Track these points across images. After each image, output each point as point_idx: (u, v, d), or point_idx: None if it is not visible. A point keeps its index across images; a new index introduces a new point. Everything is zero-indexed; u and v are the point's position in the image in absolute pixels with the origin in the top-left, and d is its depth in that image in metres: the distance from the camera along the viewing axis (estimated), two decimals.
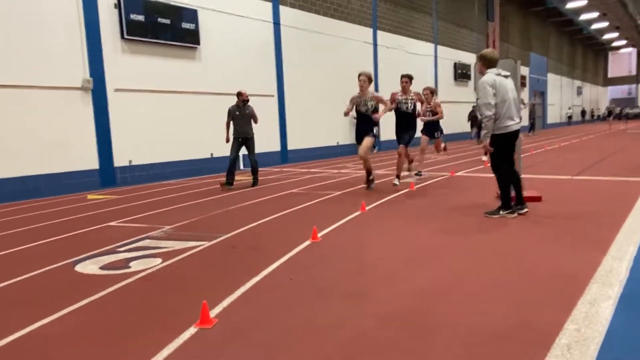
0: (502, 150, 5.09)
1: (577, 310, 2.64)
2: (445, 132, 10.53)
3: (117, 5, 10.00)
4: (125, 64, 10.25)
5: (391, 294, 3.03)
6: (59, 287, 3.44)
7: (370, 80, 7.48)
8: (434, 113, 9.11)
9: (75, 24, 9.39)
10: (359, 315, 2.72)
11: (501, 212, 5.15)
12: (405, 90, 8.04)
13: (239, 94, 8.74)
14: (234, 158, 8.55)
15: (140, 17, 10.32)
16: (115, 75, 10.02)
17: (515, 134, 5.07)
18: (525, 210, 5.21)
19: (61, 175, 9.21)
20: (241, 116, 8.69)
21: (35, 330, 2.71)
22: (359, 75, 7.45)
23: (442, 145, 10.33)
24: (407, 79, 8.09)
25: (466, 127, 21.62)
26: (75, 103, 9.41)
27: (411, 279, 3.31)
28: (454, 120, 19.60)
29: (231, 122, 8.77)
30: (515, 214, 5.12)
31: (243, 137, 8.66)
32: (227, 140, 8.76)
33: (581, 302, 2.76)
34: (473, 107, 19.48)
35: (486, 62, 5.09)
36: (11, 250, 4.59)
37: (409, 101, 8.02)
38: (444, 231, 4.72)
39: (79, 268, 3.88)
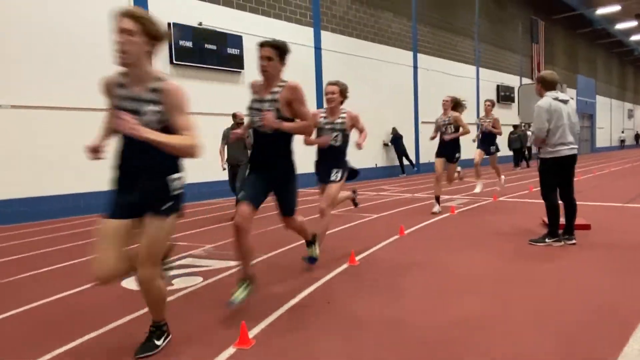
0: (553, 175, 4.95)
1: (628, 348, 2.51)
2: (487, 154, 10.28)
3: (167, 33, 10.54)
4: None
5: (431, 322, 2.97)
6: (107, 302, 3.58)
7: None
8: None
9: None
10: (398, 343, 2.69)
11: (547, 240, 4.97)
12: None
13: (234, 116, 8.02)
14: (232, 187, 7.84)
15: (189, 44, 10.80)
16: None
17: (568, 159, 4.92)
18: (573, 241, 4.99)
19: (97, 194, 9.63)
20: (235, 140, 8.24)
21: (76, 346, 2.83)
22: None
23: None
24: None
25: (507, 150, 21.03)
26: None
27: (453, 307, 3.24)
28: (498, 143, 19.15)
29: (225, 147, 8.06)
30: (562, 243, 4.93)
31: (234, 163, 7.86)
32: (223, 168, 8.08)
33: (633, 339, 2.61)
34: (510, 133, 18.84)
35: (545, 84, 5.00)
36: (64, 264, 4.82)
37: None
38: (486, 258, 4.60)
39: (124, 284, 4.02)
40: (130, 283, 4.04)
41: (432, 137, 8.14)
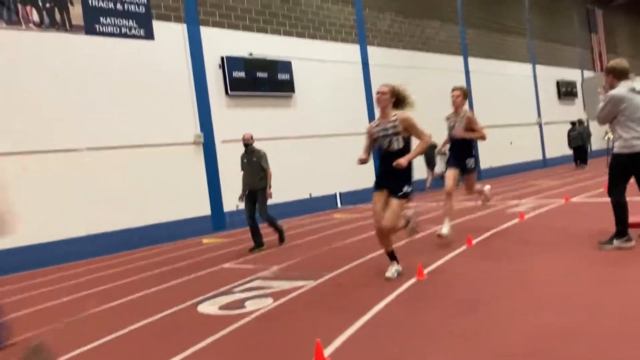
0: (624, 171, 4.63)
1: None
2: (550, 154, 9.67)
3: (221, 66, 11.04)
4: (230, 117, 11.16)
5: (511, 334, 2.85)
6: (185, 327, 3.75)
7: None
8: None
9: (187, 86, 10.51)
10: (474, 355, 2.60)
11: (615, 241, 4.62)
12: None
13: (243, 138, 7.37)
14: (249, 216, 7.06)
15: (241, 74, 11.25)
16: (221, 128, 10.94)
17: None
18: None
19: (179, 222, 10.11)
20: (248, 164, 7.17)
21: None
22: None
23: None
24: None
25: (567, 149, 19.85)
26: (189, 156, 10.40)
27: (534, 317, 3.09)
28: (559, 142, 18.22)
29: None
30: (633, 242, 4.54)
31: (250, 189, 7.05)
32: (241, 198, 7.19)
33: None
34: (569, 131, 17.72)
35: (616, 74, 4.64)
36: (141, 294, 5.10)
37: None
38: (564, 264, 4.36)
39: (200, 309, 4.20)
40: (206, 308, 4.21)
41: (441, 148, 7.43)
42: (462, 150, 6.18)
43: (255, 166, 7.09)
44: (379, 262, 5.33)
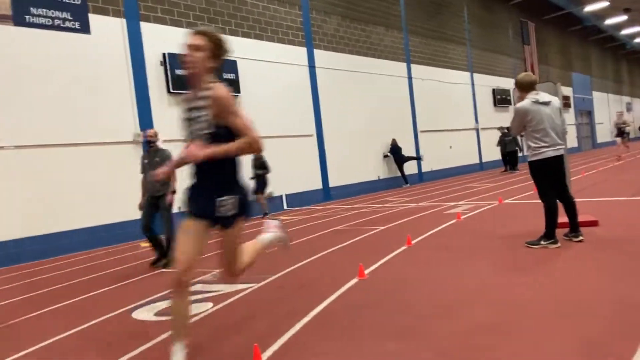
0: (543, 177, 4.95)
1: None
2: (486, 158, 10.23)
3: (163, 63, 10.69)
4: (172, 116, 10.82)
5: (447, 331, 2.95)
6: (118, 335, 3.58)
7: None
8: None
9: (125, 83, 10.08)
10: (414, 353, 2.67)
11: (542, 242, 4.92)
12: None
13: (146, 135, 6.43)
14: (144, 226, 6.04)
15: (184, 72, 10.95)
16: (162, 127, 10.58)
17: (554, 160, 4.90)
18: (580, 238, 4.95)
19: (115, 225, 9.66)
20: (150, 166, 5.98)
21: None
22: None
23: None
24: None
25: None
26: (127, 156, 9.98)
27: (467, 314, 3.22)
28: (495, 146, 19.17)
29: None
30: (559, 244, 4.87)
31: (151, 195, 6.05)
32: (140, 206, 6.21)
33: None
34: (503, 135, 18.49)
35: (523, 88, 5.04)
36: (72, 301, 4.82)
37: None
38: (496, 263, 4.58)
39: (135, 315, 4.02)
40: (140, 314, 4.04)
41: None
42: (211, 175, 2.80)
43: (157, 167, 5.59)
44: (322, 263, 5.36)
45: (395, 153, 16.70)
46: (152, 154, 6.23)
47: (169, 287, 2.72)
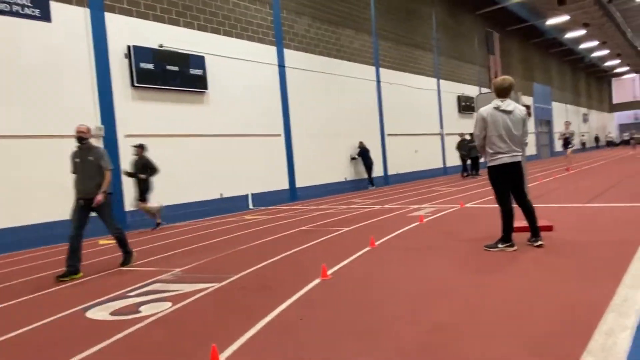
0: (500, 182, 5.10)
1: (593, 342, 2.58)
2: (449, 163, 10.47)
3: (127, 56, 10.40)
4: (135, 110, 10.55)
5: (406, 331, 2.98)
6: (70, 335, 3.44)
7: None
8: None
9: (87, 74, 9.74)
10: (375, 353, 2.68)
11: (499, 245, 5.07)
12: None
13: (76, 131, 5.67)
14: (75, 231, 5.53)
15: (150, 66, 10.69)
16: (125, 121, 10.30)
17: (511, 167, 5.05)
18: (540, 243, 5.10)
19: None
20: (82, 165, 5.63)
21: None
22: None
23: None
24: None
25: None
26: None
27: (426, 315, 3.26)
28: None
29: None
30: (515, 247, 5.02)
31: (84, 196, 5.56)
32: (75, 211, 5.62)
33: (597, 333, 2.69)
34: (467, 142, 18.68)
35: (495, 91, 5.17)
36: (25, 298, 4.61)
37: None
38: (456, 265, 4.67)
39: (89, 314, 3.88)
40: (95, 313, 3.90)
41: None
42: None
43: (91, 167, 5.56)
44: (286, 263, 5.33)
45: (364, 156, 16.86)
46: (85, 151, 5.66)
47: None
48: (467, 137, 18.47)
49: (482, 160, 5.15)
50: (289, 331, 3.16)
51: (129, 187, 10.19)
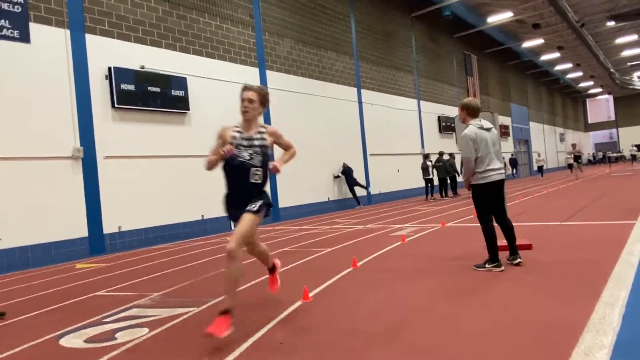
0: (486, 200, 5.15)
1: None
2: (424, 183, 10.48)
3: (108, 77, 10.35)
4: (115, 132, 10.45)
5: (388, 354, 2.96)
6: None
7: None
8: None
9: (67, 96, 9.65)
10: None
11: (487, 265, 5.10)
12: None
13: None
14: None
15: (131, 87, 10.64)
16: (105, 143, 10.18)
17: (498, 184, 5.16)
18: (519, 261, 5.16)
19: (50, 245, 9.09)
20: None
21: None
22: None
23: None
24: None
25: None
26: (65, 172, 9.48)
27: (406, 337, 3.25)
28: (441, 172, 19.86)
29: None
30: (502, 268, 5.06)
31: None
32: None
33: (575, 352, 2.71)
34: (436, 160, 18.41)
35: (470, 111, 5.26)
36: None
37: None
38: (437, 285, 4.68)
39: (63, 342, 3.76)
40: (69, 341, 3.78)
41: None
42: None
43: None
44: (267, 285, 5.26)
45: (347, 175, 16.92)
46: None
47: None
48: (446, 157, 18.74)
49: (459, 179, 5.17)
50: (270, 355, 3.10)
51: (108, 210, 10.00)
